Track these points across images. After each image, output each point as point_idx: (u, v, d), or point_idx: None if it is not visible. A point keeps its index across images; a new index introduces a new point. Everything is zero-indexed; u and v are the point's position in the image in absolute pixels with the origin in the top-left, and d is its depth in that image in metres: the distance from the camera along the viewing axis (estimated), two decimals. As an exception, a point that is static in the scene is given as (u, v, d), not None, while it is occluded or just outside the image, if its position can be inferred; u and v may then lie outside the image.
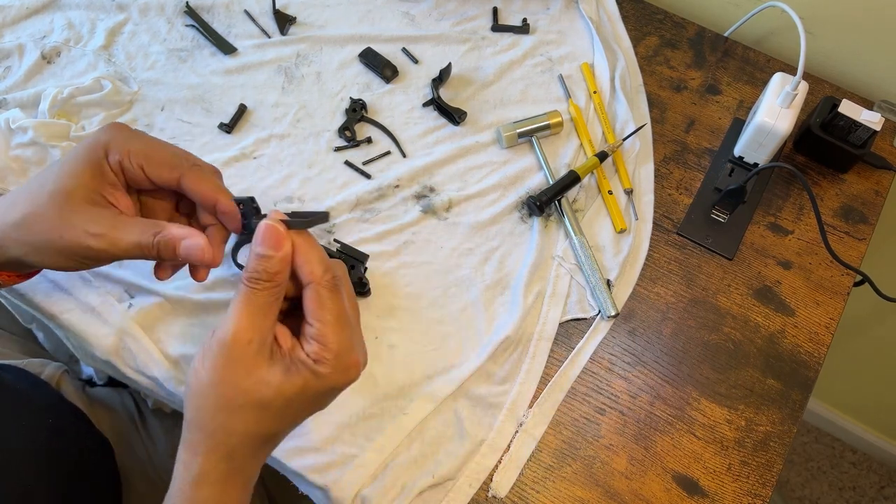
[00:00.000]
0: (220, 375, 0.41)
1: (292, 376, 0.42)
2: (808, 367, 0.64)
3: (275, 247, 0.42)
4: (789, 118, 0.65)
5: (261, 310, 0.42)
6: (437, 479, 0.56)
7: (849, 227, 0.71)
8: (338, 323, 0.43)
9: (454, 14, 0.79)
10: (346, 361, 0.43)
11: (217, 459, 0.42)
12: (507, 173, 0.70)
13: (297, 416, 0.45)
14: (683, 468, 0.59)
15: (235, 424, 0.42)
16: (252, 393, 0.41)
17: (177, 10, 0.76)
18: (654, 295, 0.67)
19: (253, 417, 0.42)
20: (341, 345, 0.43)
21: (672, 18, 0.82)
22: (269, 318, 0.42)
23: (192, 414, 0.43)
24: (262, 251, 0.42)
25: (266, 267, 0.42)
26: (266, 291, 0.42)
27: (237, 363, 0.41)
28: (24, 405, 0.59)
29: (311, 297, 0.43)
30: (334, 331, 0.42)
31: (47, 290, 0.59)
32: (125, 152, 0.46)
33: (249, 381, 0.41)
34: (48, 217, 0.45)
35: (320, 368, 0.42)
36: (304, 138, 0.70)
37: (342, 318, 0.43)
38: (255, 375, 0.41)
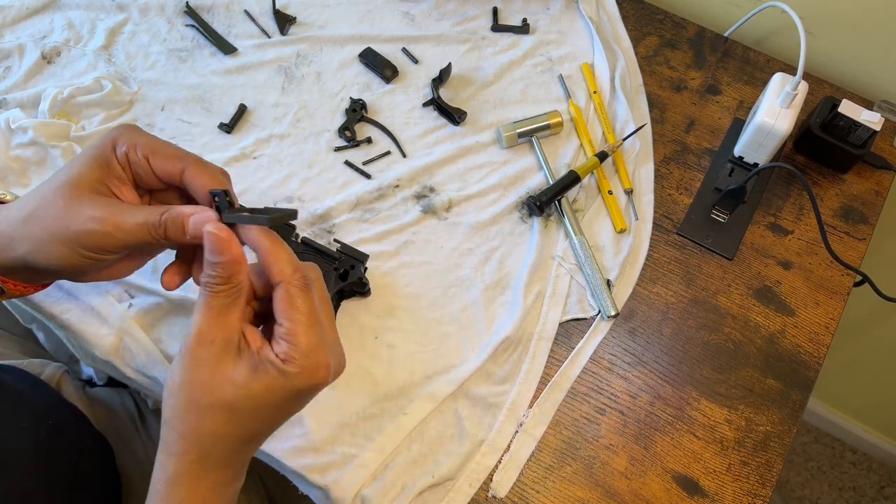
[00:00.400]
0: (188, 376, 0.41)
1: (259, 375, 0.41)
2: (808, 367, 0.64)
3: (220, 252, 0.42)
4: (789, 118, 0.65)
5: (220, 310, 0.42)
6: (437, 479, 0.56)
7: (849, 227, 0.71)
8: (307, 322, 0.42)
9: (454, 14, 0.79)
10: (314, 361, 0.42)
11: (190, 461, 0.42)
12: (507, 173, 0.70)
13: (270, 418, 0.44)
14: (683, 468, 0.59)
15: (205, 425, 0.42)
16: (217, 392, 0.41)
17: (177, 10, 0.76)
18: (654, 295, 0.67)
19: (221, 418, 0.42)
20: (310, 344, 0.42)
21: (672, 18, 0.82)
22: (231, 317, 0.42)
23: (166, 414, 0.43)
24: (210, 258, 0.42)
25: (218, 272, 0.42)
26: (222, 293, 0.42)
27: (202, 363, 0.41)
28: (24, 406, 0.59)
29: (281, 297, 0.43)
30: (303, 330, 0.42)
31: (48, 289, 0.59)
32: (131, 144, 0.46)
33: (214, 381, 0.41)
34: (54, 209, 0.45)
35: (288, 368, 0.41)
36: (304, 138, 0.70)
37: (312, 317, 0.43)
38: (220, 374, 0.41)
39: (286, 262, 0.43)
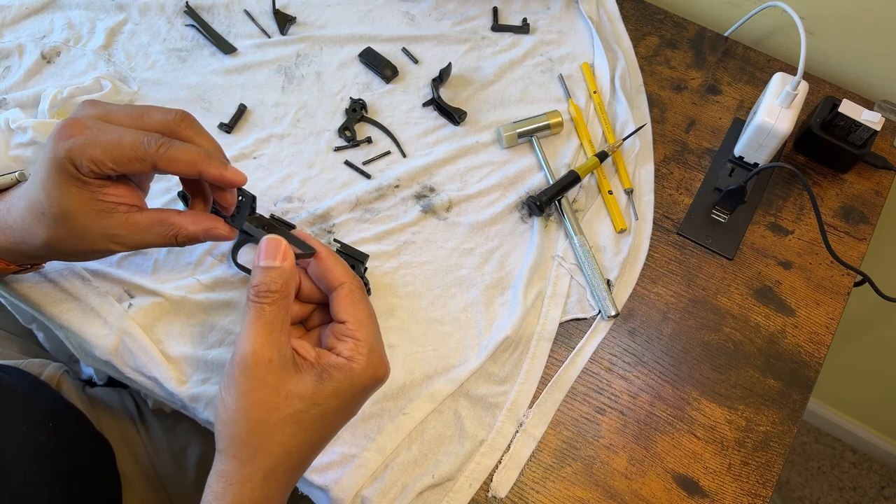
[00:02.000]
0: (248, 399, 0.40)
1: (325, 383, 0.42)
2: (809, 367, 0.64)
3: (280, 258, 0.42)
4: (789, 118, 0.65)
5: (273, 324, 0.41)
6: (437, 480, 0.56)
7: (849, 228, 0.71)
8: (369, 319, 0.44)
9: (454, 14, 0.79)
10: (378, 357, 0.44)
11: (252, 487, 0.41)
12: (507, 173, 0.70)
13: (333, 423, 0.44)
14: (683, 468, 0.59)
15: (271, 446, 0.41)
16: (284, 409, 0.41)
17: (177, 9, 0.76)
18: (654, 295, 0.67)
19: (289, 433, 0.41)
20: (374, 341, 0.43)
21: (672, 18, 0.82)
22: (284, 331, 0.42)
23: (224, 444, 0.42)
24: (267, 263, 0.42)
25: (273, 278, 0.42)
26: (275, 305, 0.42)
27: (263, 383, 0.40)
28: (24, 407, 0.59)
29: (344, 296, 0.44)
30: (367, 327, 0.43)
31: (47, 290, 0.59)
32: (90, 161, 0.43)
33: (279, 398, 0.41)
34: (70, 238, 0.46)
35: (355, 365, 0.42)
36: (304, 138, 0.70)
37: (372, 315, 0.45)
38: (285, 390, 0.41)
39: (345, 266, 0.46)
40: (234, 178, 0.46)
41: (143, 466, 0.69)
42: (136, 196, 0.49)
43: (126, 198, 0.47)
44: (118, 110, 0.46)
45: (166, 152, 0.44)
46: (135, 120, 0.46)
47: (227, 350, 0.59)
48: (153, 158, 0.44)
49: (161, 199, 0.65)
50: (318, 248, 0.46)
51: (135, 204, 0.48)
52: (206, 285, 0.61)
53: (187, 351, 0.59)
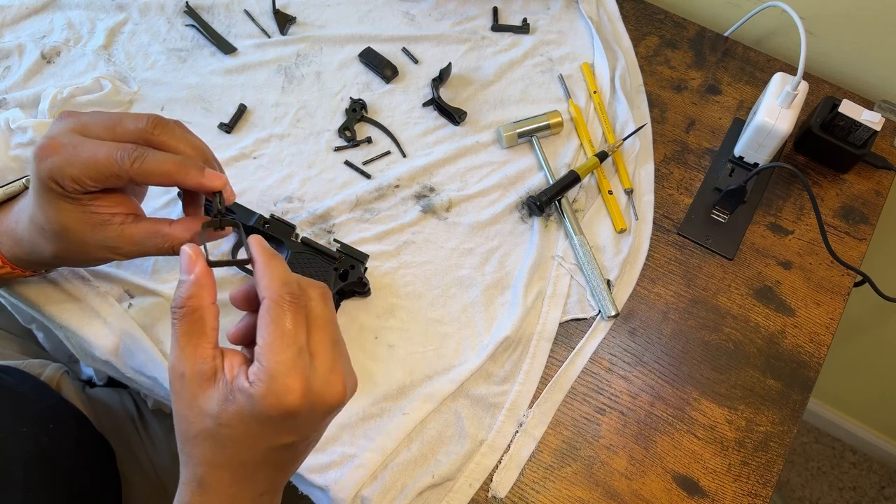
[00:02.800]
0: (174, 408, 0.41)
1: (228, 405, 0.39)
2: (809, 367, 0.64)
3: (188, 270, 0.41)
4: (789, 118, 0.65)
5: (186, 338, 0.40)
6: (437, 479, 0.56)
7: (849, 228, 0.71)
8: (281, 341, 0.39)
9: (454, 14, 0.79)
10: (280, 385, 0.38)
11: (191, 491, 0.41)
12: (507, 173, 0.70)
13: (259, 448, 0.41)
14: (684, 468, 0.59)
15: (195, 455, 0.40)
16: (196, 424, 0.40)
17: (177, 9, 0.76)
18: (654, 295, 0.67)
19: (208, 448, 0.40)
20: (278, 365, 0.38)
21: (672, 18, 0.82)
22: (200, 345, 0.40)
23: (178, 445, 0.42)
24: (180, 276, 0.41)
25: (180, 293, 0.40)
26: (185, 319, 0.40)
27: (179, 396, 0.40)
28: (24, 408, 0.59)
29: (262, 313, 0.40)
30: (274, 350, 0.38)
31: (47, 290, 0.59)
32: (70, 180, 0.44)
33: (192, 413, 0.40)
34: (75, 251, 0.48)
35: (253, 391, 0.38)
36: (304, 138, 0.70)
37: (287, 337, 0.39)
38: (196, 406, 0.39)
39: (276, 277, 0.40)
40: (211, 184, 0.46)
41: (142, 466, 0.69)
42: (129, 204, 0.49)
43: (119, 207, 0.47)
44: (93, 121, 0.46)
45: (140, 166, 0.44)
46: (109, 130, 0.46)
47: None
48: (128, 174, 0.44)
49: (161, 199, 0.65)
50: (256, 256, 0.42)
51: (130, 212, 0.48)
52: (206, 285, 0.61)
53: (187, 351, 0.59)
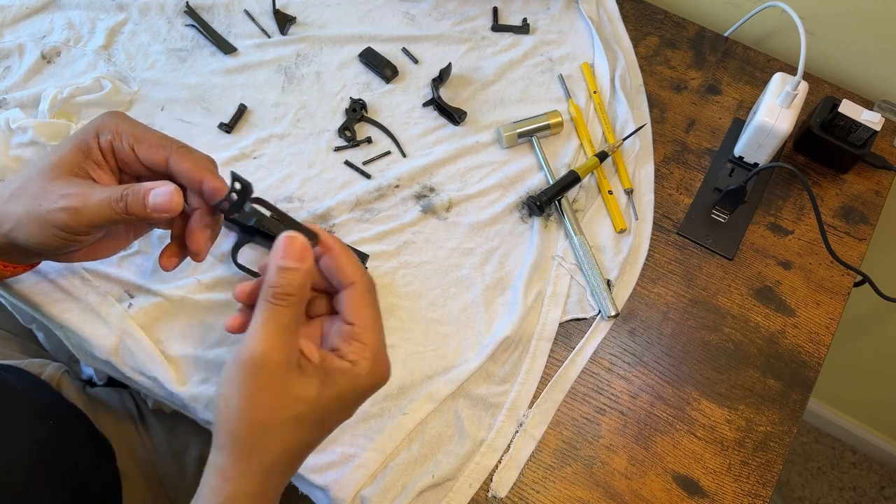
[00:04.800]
0: (254, 399, 0.40)
1: (328, 387, 0.41)
2: (809, 367, 0.64)
3: (300, 258, 0.41)
4: (789, 118, 0.65)
5: (287, 327, 0.41)
6: (437, 479, 0.56)
7: (849, 228, 0.71)
8: (375, 323, 0.44)
9: (454, 14, 0.79)
10: (381, 362, 0.43)
11: (250, 483, 0.41)
12: (507, 173, 0.70)
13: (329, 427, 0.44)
14: (684, 468, 0.59)
15: (271, 444, 0.41)
16: (288, 410, 0.41)
17: (177, 9, 0.76)
18: (654, 295, 0.67)
19: (289, 434, 0.41)
20: (377, 344, 0.43)
21: (672, 18, 0.82)
22: (296, 334, 0.42)
23: (223, 440, 0.41)
24: (286, 264, 0.41)
25: (291, 280, 0.41)
26: (292, 307, 0.41)
27: (270, 385, 0.40)
28: (25, 406, 0.59)
29: (353, 297, 0.43)
30: (374, 331, 0.43)
31: (47, 290, 0.59)
32: (116, 133, 0.47)
33: (284, 400, 0.40)
34: (32, 188, 0.46)
35: (358, 369, 0.42)
36: (304, 138, 0.70)
37: (378, 319, 0.44)
38: (290, 394, 0.41)
39: (357, 264, 0.44)
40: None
41: (142, 466, 0.69)
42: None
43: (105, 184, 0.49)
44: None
45: (185, 153, 0.48)
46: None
47: (227, 350, 0.59)
48: (171, 150, 0.47)
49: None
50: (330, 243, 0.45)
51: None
52: (207, 285, 0.61)
53: (187, 351, 0.59)
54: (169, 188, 0.45)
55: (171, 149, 0.47)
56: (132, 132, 0.47)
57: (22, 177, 0.47)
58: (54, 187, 0.46)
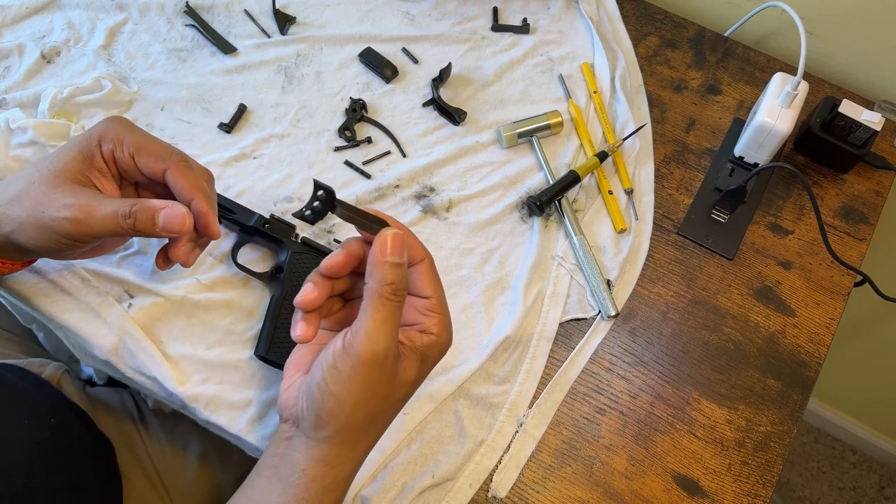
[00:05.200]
0: (371, 393, 0.43)
1: (426, 364, 0.45)
2: (809, 367, 0.64)
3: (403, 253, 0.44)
4: (789, 118, 0.65)
5: (398, 321, 0.43)
6: (437, 480, 0.56)
7: (849, 228, 0.71)
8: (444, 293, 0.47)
9: (454, 14, 0.79)
10: (451, 327, 0.46)
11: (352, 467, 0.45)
12: (507, 173, 0.70)
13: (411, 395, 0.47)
14: (684, 468, 0.59)
15: (379, 428, 0.45)
16: (396, 395, 0.44)
17: (177, 9, 0.76)
18: (654, 295, 0.67)
19: (392, 415, 0.46)
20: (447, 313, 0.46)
21: (672, 18, 0.82)
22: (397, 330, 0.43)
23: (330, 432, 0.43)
24: (396, 259, 0.43)
25: (402, 275, 0.43)
26: (402, 301, 0.43)
27: (389, 378, 0.43)
28: (26, 404, 0.59)
29: (426, 271, 0.46)
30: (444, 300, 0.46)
31: (47, 290, 0.59)
32: (117, 141, 0.48)
33: (393, 387, 0.43)
34: (35, 193, 0.46)
35: (442, 339, 0.45)
36: (304, 138, 0.70)
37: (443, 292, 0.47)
38: (398, 381, 0.43)
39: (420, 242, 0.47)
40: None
41: (143, 466, 0.69)
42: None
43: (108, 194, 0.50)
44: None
45: (184, 168, 0.49)
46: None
47: (227, 350, 0.59)
48: (170, 163, 0.49)
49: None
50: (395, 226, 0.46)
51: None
52: (206, 285, 0.61)
53: (187, 351, 0.59)
54: (181, 210, 0.47)
55: (169, 161, 0.48)
56: (133, 141, 0.48)
57: (23, 180, 0.47)
58: (57, 195, 0.46)
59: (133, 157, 0.48)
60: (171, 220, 0.46)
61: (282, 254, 0.61)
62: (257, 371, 0.58)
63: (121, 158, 0.48)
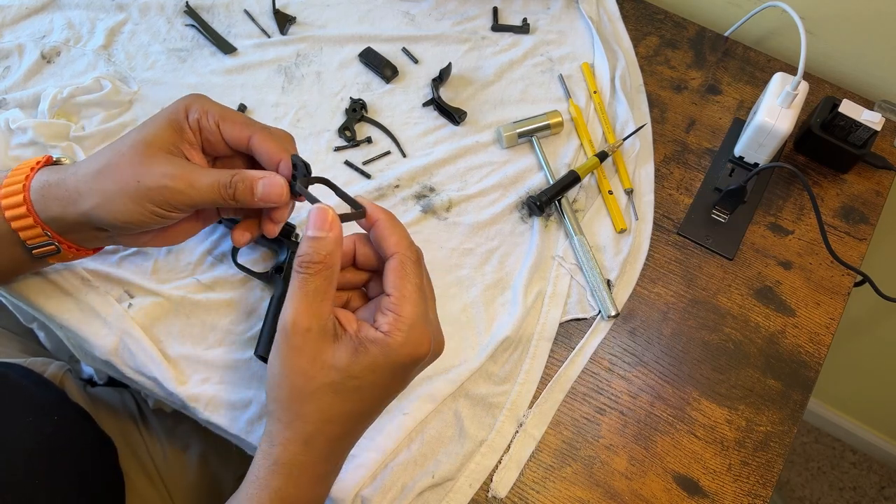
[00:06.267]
0: (288, 365, 0.42)
1: (360, 356, 0.42)
2: (809, 367, 0.64)
3: (325, 227, 0.42)
4: (789, 118, 0.65)
5: (315, 295, 0.42)
6: (437, 480, 0.56)
7: (849, 228, 0.71)
8: (415, 294, 0.43)
9: (454, 14, 0.79)
10: (418, 333, 0.42)
11: (294, 450, 0.43)
12: (507, 173, 0.70)
13: (374, 399, 0.45)
14: (684, 468, 0.59)
15: (310, 412, 0.42)
16: (320, 377, 0.42)
17: (177, 9, 0.76)
18: (654, 295, 0.67)
19: (327, 402, 0.42)
20: (414, 315, 0.42)
21: (672, 18, 0.82)
22: (326, 301, 0.42)
23: (271, 406, 0.44)
24: (313, 233, 0.42)
25: (317, 248, 0.42)
26: (318, 275, 0.42)
27: (301, 351, 0.41)
28: (29, 402, 0.59)
29: (394, 267, 0.43)
30: (412, 302, 0.43)
31: (47, 290, 0.59)
32: (203, 111, 0.49)
33: (316, 367, 0.42)
34: (126, 164, 0.46)
35: (391, 340, 0.42)
36: (304, 138, 0.70)
37: (420, 290, 0.43)
38: (321, 360, 0.42)
39: (402, 235, 0.44)
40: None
41: (144, 465, 0.69)
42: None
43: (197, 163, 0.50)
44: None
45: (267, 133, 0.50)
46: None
47: (227, 350, 0.59)
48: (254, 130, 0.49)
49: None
50: (374, 213, 0.45)
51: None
52: (206, 285, 0.61)
53: (187, 351, 0.59)
54: (279, 180, 0.47)
55: (253, 128, 0.49)
56: (218, 111, 0.49)
57: (110, 151, 0.48)
58: (154, 165, 0.46)
59: (218, 126, 0.49)
60: (270, 189, 0.47)
61: (281, 254, 0.61)
62: (257, 371, 0.58)
63: (207, 128, 0.49)
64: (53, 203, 0.48)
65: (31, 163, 0.50)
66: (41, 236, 0.49)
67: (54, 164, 0.52)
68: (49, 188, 0.48)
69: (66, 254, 0.52)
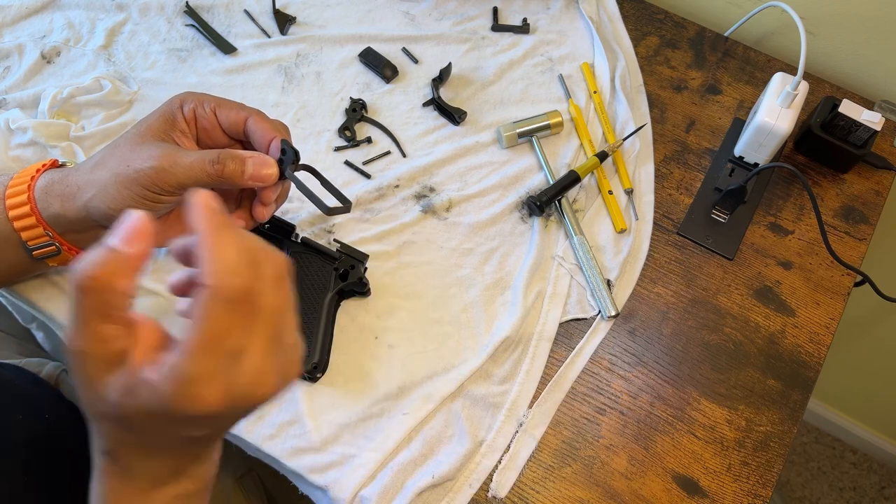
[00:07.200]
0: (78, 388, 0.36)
1: (128, 398, 0.34)
2: (809, 367, 0.64)
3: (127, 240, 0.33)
4: (789, 118, 0.65)
5: (92, 315, 0.33)
6: (437, 480, 0.56)
7: (849, 228, 0.71)
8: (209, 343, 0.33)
9: (454, 14, 0.79)
10: (195, 391, 0.33)
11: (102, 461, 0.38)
12: (507, 173, 0.70)
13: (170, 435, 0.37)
14: (683, 468, 0.59)
15: (102, 430, 0.37)
16: (97, 406, 0.36)
17: (177, 9, 0.76)
18: (654, 295, 0.67)
19: (112, 428, 0.37)
20: (196, 371, 0.33)
21: (672, 18, 0.82)
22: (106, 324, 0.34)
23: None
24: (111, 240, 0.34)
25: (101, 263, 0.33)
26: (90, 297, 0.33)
27: (76, 374, 0.35)
28: (22, 401, 0.59)
29: (197, 300, 0.33)
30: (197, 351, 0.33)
31: (47, 290, 0.59)
32: (199, 101, 0.51)
33: (90, 395, 0.35)
34: (120, 152, 0.49)
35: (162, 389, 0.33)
36: (304, 138, 0.70)
37: (217, 338, 0.33)
38: (93, 391, 0.35)
39: (219, 262, 0.33)
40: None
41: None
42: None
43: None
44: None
45: (262, 116, 0.52)
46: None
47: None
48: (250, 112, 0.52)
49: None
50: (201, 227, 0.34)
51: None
52: (206, 285, 0.61)
53: (187, 351, 0.59)
54: (269, 159, 0.49)
55: (249, 111, 0.51)
56: (214, 99, 0.52)
57: (109, 147, 0.50)
58: (143, 150, 0.48)
59: (215, 113, 0.51)
60: (260, 168, 0.48)
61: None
62: (257, 371, 0.58)
63: (203, 115, 0.51)
64: (55, 200, 0.49)
65: (38, 165, 0.52)
66: (42, 236, 0.50)
67: (60, 167, 0.54)
68: (52, 185, 0.50)
69: (65, 255, 0.52)
